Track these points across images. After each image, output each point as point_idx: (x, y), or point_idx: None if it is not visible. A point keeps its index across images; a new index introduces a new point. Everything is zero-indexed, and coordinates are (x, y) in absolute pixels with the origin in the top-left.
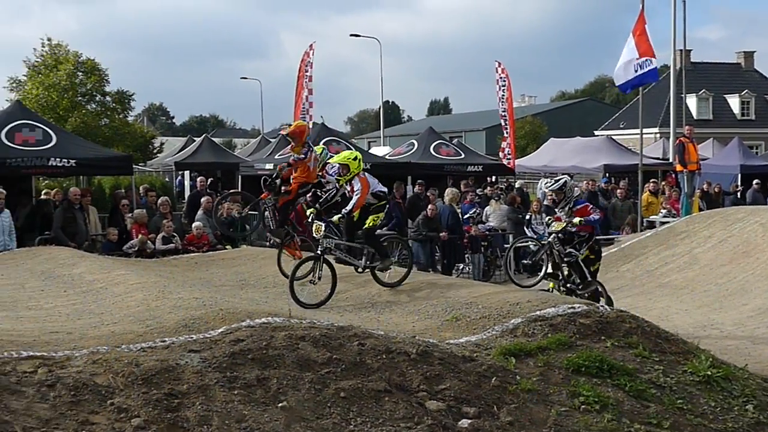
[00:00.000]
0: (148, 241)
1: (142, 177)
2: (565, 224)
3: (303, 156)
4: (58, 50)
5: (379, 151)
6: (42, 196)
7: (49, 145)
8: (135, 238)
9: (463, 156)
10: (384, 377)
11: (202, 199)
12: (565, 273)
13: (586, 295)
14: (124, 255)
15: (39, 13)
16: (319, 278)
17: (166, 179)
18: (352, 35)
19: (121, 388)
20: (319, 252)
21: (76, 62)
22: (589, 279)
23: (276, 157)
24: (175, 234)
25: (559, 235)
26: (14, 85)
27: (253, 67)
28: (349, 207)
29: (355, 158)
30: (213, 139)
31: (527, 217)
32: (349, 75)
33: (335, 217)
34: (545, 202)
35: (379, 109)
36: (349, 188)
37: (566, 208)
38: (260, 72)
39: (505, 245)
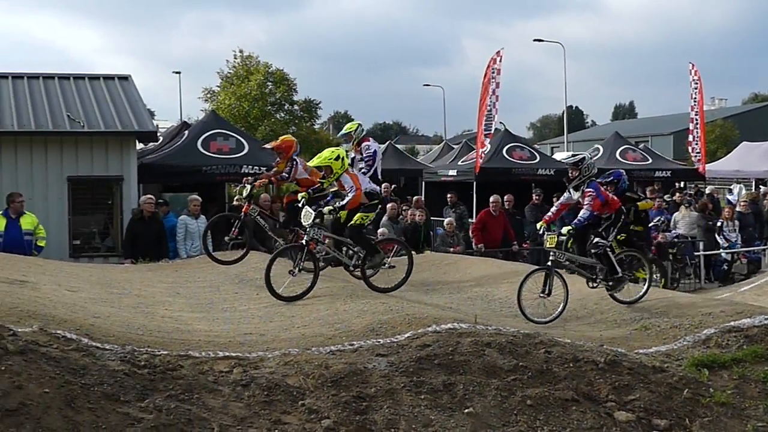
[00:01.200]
0: None
1: None
2: (556, 240)
3: (286, 175)
4: (249, 61)
5: (563, 156)
6: (234, 203)
7: (241, 153)
8: None
9: (650, 161)
10: (571, 386)
11: (388, 206)
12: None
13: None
14: None
15: (231, 26)
16: (300, 270)
17: None
18: (535, 40)
19: (312, 389)
20: (304, 241)
21: (266, 72)
22: (620, 274)
23: (459, 163)
24: None
25: (571, 232)
26: (208, 95)
27: (435, 74)
28: (343, 202)
29: (338, 157)
30: (396, 145)
31: (718, 224)
32: (531, 80)
33: (326, 208)
34: (738, 209)
35: (563, 114)
36: (338, 186)
37: (581, 189)
38: (443, 79)
39: (695, 253)
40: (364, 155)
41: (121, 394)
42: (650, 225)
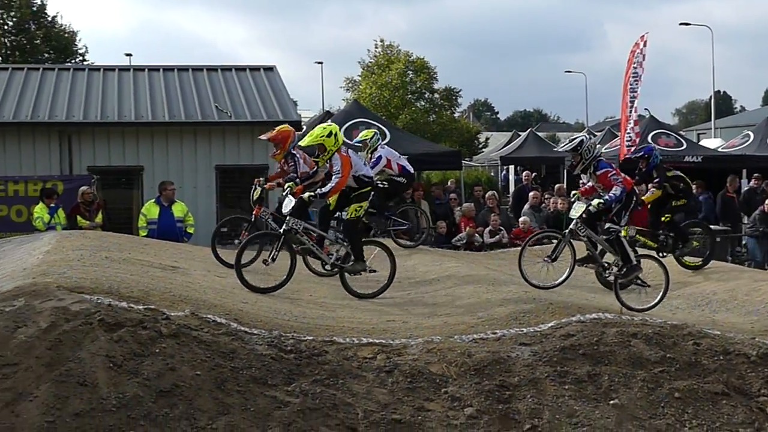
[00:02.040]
0: (476, 234)
1: (468, 171)
2: (583, 209)
3: (294, 174)
4: (390, 51)
5: (711, 143)
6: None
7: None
8: (463, 231)
9: None
10: (721, 379)
11: (530, 194)
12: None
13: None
14: (453, 248)
15: (371, 16)
16: (273, 260)
17: (492, 174)
18: (681, 24)
19: (455, 377)
20: (281, 230)
21: (406, 61)
22: (634, 262)
23: (603, 150)
24: (501, 228)
25: (583, 215)
26: (350, 85)
27: (576, 60)
28: (325, 189)
29: (330, 134)
30: (537, 133)
31: None
32: (675, 65)
33: (305, 194)
34: None
35: (710, 99)
36: (329, 167)
37: (588, 172)
38: (584, 65)
39: None
40: (372, 160)
41: (269, 378)
42: None
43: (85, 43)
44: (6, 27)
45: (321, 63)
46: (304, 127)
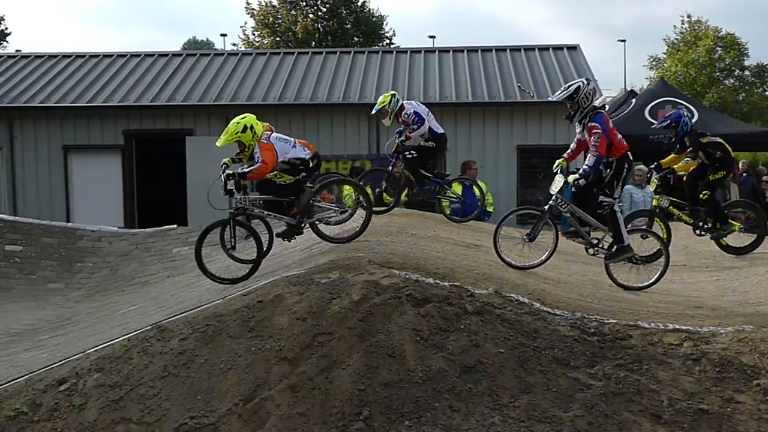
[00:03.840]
0: None
1: None
2: (562, 184)
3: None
4: (697, 27)
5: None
6: None
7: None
8: None
9: None
10: None
11: None
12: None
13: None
14: None
15: None
16: (233, 246)
17: None
18: None
19: (767, 369)
20: (228, 214)
21: (715, 37)
22: (625, 243)
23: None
24: None
25: (572, 189)
26: (654, 63)
27: None
28: (243, 169)
29: (244, 128)
30: None
31: None
32: None
33: (228, 171)
34: None
35: None
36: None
37: (583, 123)
38: None
39: None
40: (410, 122)
41: (571, 360)
42: None
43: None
44: (320, 13)
45: (624, 41)
46: (606, 107)
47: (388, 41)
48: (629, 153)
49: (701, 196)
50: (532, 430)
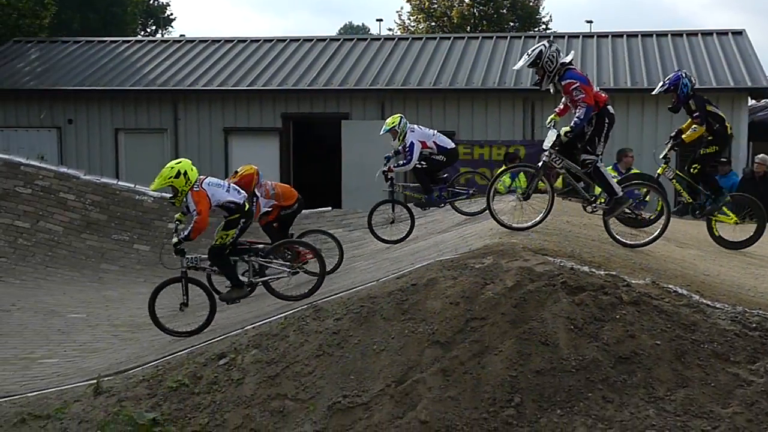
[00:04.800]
0: None
1: None
2: (555, 137)
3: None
4: None
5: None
6: None
7: None
8: None
9: None
10: None
11: None
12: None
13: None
14: None
15: None
16: (186, 304)
17: None
18: None
19: None
20: (180, 272)
21: None
22: (619, 194)
23: None
24: None
25: (556, 148)
26: None
27: None
28: (185, 232)
29: (178, 174)
30: None
31: None
32: None
33: (174, 239)
34: None
35: None
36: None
37: (554, 85)
38: None
39: None
40: (404, 151)
41: (731, 354)
42: None
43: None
44: None
45: None
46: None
47: (544, 26)
48: (609, 106)
49: (691, 170)
50: (689, 425)
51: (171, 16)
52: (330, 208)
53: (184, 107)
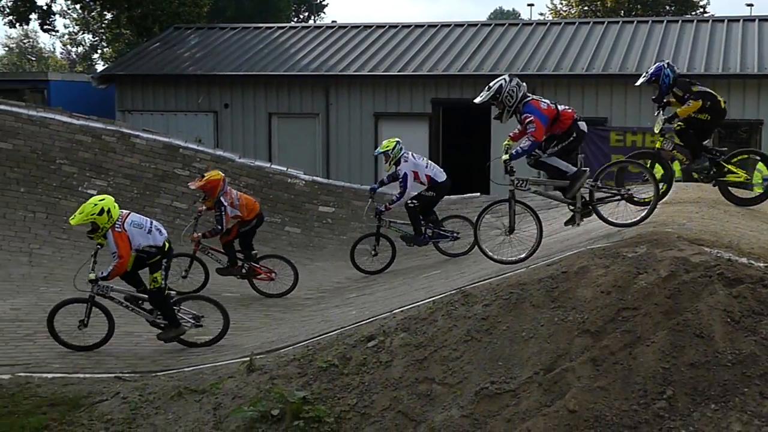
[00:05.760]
0: None
1: None
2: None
3: (219, 228)
4: None
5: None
6: None
7: None
8: None
9: None
10: None
11: None
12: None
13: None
14: None
15: None
16: (86, 324)
17: None
18: None
19: None
20: (88, 295)
21: None
22: (569, 171)
23: None
24: None
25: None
26: None
27: None
28: (104, 272)
29: (101, 211)
30: None
31: None
32: None
33: (90, 275)
34: None
35: None
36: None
37: (516, 118)
38: None
39: None
40: (400, 180)
41: None
42: None
43: None
44: None
45: None
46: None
47: (701, 10)
48: (578, 122)
49: (675, 126)
50: None
51: (323, 3)
52: (479, 194)
53: (335, 92)
